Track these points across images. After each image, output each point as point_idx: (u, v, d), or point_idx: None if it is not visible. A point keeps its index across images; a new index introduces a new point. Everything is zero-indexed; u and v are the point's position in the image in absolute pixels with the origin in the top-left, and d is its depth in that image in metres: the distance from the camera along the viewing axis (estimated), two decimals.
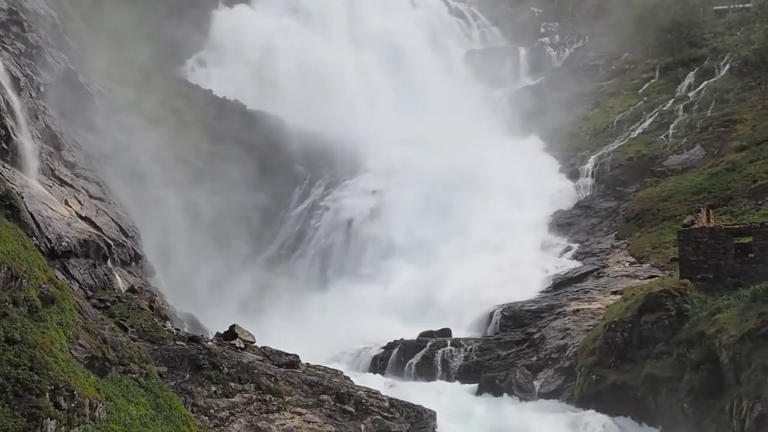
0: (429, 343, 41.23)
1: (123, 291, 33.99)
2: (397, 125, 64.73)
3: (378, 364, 41.23)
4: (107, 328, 25.29)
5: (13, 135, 34.68)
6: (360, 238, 56.23)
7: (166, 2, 64.80)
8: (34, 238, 29.70)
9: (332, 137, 62.10)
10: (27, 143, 35.98)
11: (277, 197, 60.07)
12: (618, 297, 40.35)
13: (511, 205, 55.60)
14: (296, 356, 32.37)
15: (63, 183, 37.73)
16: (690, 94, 62.24)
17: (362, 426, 29.52)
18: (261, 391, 28.35)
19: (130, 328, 28.84)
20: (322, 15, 79.12)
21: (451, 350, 40.58)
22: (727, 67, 62.13)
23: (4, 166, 33.03)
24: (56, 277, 25.25)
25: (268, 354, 31.88)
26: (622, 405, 33.04)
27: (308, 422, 28.34)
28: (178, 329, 32.73)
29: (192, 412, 25.80)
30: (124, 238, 38.26)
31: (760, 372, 27.67)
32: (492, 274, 47.98)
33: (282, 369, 30.71)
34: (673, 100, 62.63)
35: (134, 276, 37.55)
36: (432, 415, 31.92)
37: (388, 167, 60.53)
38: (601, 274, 45.39)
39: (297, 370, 31.21)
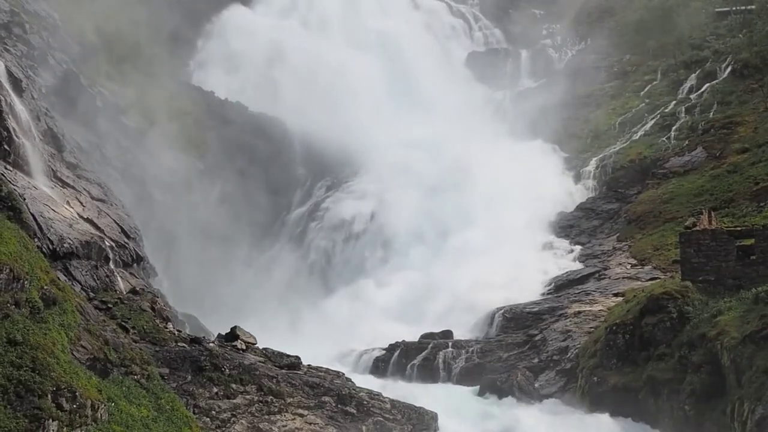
0: (430, 345, 41.25)
1: (125, 292, 33.98)
2: (399, 127, 64.70)
3: (379, 366, 41.22)
4: (109, 329, 25.29)
5: (15, 136, 34.71)
6: (361, 240, 56.21)
7: (169, 3, 64.84)
8: (36, 240, 29.72)
9: (334, 139, 62.10)
10: (29, 145, 35.98)
11: (278, 199, 60.12)
12: (619, 299, 40.34)
13: (512, 206, 55.49)
14: (298, 358, 32.39)
15: (65, 184, 37.72)
16: (692, 96, 62.10)
17: (363, 427, 29.53)
18: (262, 393, 28.36)
19: (131, 330, 28.82)
20: (324, 17, 79.20)
21: (452, 352, 40.57)
22: (729, 69, 61.95)
23: (6, 168, 33.07)
24: (58, 278, 25.26)
25: (269, 355, 31.87)
26: (623, 407, 33.02)
27: (310, 423, 28.36)
28: (179, 331, 32.72)
29: (194, 413, 25.82)
30: (125, 240, 38.25)
31: (762, 374, 27.64)
32: (493, 275, 47.98)
33: (283, 370, 30.72)
34: (675, 102, 62.50)
35: (136, 277, 37.55)
36: (433, 417, 31.94)
37: (389, 169, 60.47)
38: (602, 276, 45.35)
39: (298, 372, 31.22)
